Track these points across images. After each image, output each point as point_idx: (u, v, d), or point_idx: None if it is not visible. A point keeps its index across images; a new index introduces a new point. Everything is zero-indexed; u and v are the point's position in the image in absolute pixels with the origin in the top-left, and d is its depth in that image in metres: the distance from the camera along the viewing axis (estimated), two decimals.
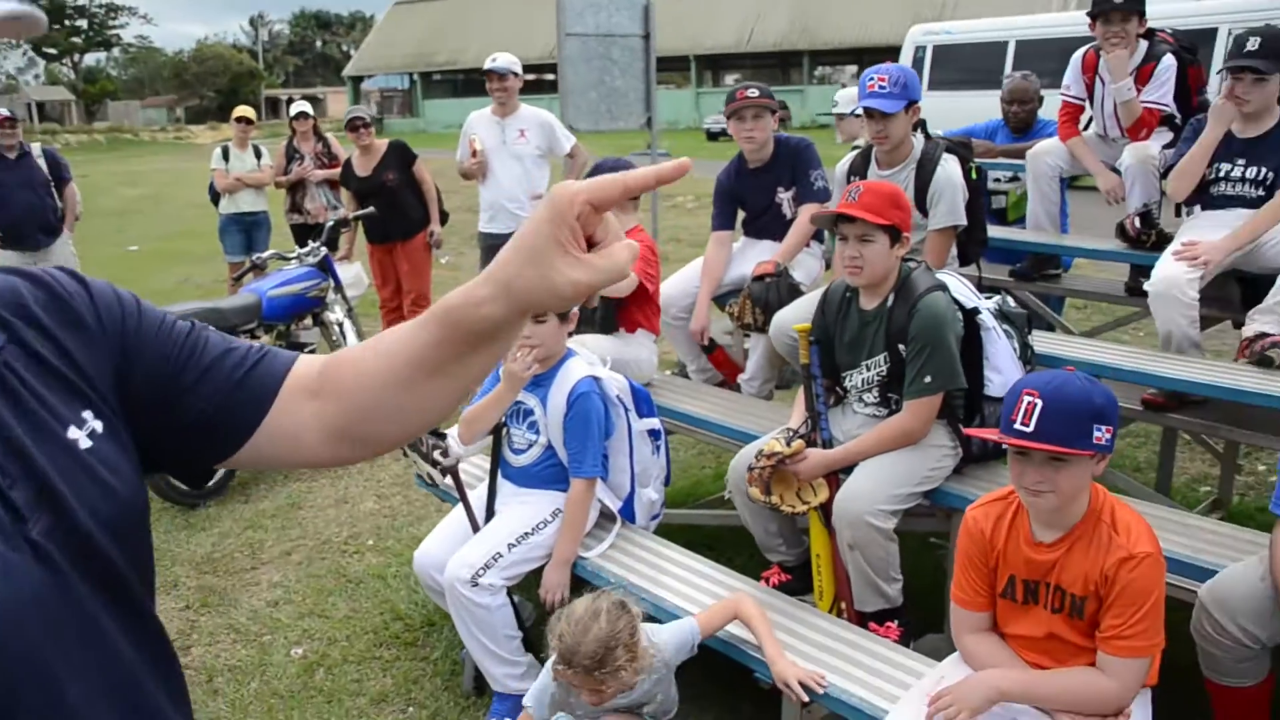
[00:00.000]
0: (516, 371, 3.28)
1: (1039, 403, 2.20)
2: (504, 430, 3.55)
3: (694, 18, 43.67)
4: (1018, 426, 2.22)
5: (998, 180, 6.01)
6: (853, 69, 41.67)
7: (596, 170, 4.38)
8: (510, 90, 6.44)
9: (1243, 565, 2.62)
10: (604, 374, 3.48)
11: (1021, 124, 5.99)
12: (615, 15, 9.76)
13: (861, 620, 3.18)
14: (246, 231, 8.50)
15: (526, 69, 7.32)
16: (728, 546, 4.20)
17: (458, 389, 1.05)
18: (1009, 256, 5.52)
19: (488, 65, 6.45)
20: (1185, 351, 3.88)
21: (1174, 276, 3.88)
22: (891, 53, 17.35)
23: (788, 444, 3.21)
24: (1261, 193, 3.96)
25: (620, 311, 4.23)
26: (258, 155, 8.54)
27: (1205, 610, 2.57)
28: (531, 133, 6.48)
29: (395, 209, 6.97)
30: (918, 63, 16.98)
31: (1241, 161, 4.00)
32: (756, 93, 4.37)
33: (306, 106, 8.44)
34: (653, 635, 2.64)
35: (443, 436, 3.49)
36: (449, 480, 3.49)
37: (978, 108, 6.38)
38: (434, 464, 3.46)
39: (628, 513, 3.58)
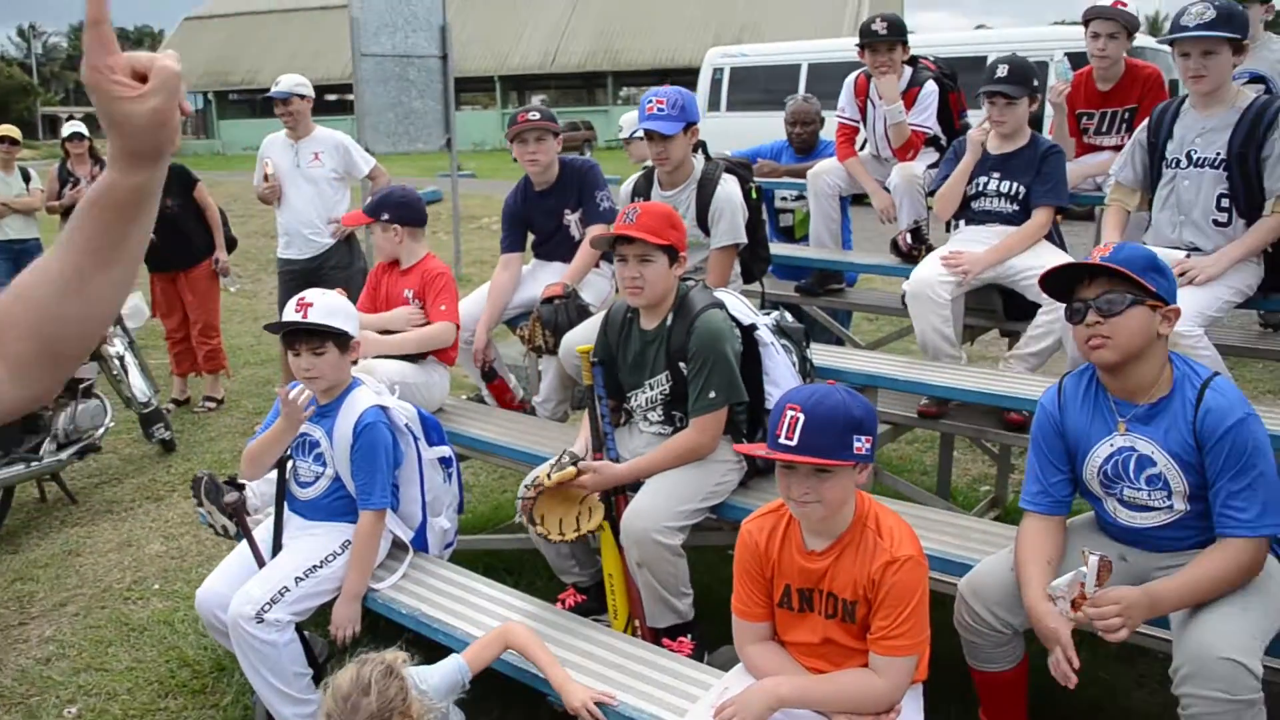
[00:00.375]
0: (295, 410, 3.18)
1: (801, 417, 2.28)
2: (289, 463, 3.44)
3: (499, 38, 43.56)
4: (782, 440, 2.29)
5: (785, 199, 6.22)
6: None
7: (385, 200, 4.31)
8: (297, 114, 6.27)
9: (995, 557, 2.78)
10: (391, 403, 3.42)
11: (805, 144, 6.20)
12: (412, 36, 9.64)
13: (655, 637, 3.21)
14: (15, 260, 7.94)
15: (329, 89, 7.17)
16: (528, 570, 4.18)
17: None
18: (796, 273, 5.71)
19: (272, 91, 6.27)
20: (940, 352, 4.10)
21: (928, 277, 4.11)
22: (693, 74, 17.75)
23: (552, 473, 3.16)
24: (1015, 207, 4.24)
25: None
26: (26, 178, 8.02)
27: (965, 601, 2.72)
28: (326, 155, 6.33)
29: (176, 236, 6.60)
30: (716, 84, 17.46)
31: (997, 175, 4.28)
32: (537, 115, 4.39)
33: (81, 127, 7.97)
34: (422, 682, 2.53)
35: (241, 488, 3.35)
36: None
37: (774, 128, 6.59)
38: (229, 515, 3.32)
39: (420, 542, 3.52)
